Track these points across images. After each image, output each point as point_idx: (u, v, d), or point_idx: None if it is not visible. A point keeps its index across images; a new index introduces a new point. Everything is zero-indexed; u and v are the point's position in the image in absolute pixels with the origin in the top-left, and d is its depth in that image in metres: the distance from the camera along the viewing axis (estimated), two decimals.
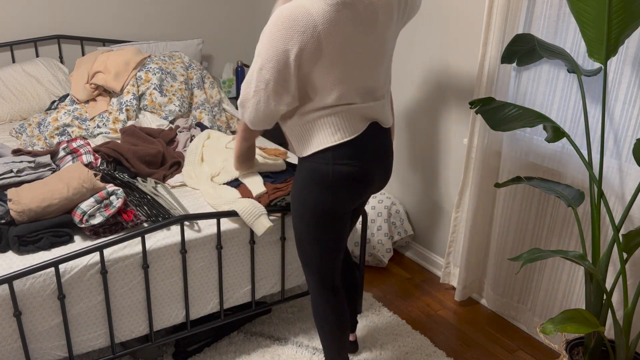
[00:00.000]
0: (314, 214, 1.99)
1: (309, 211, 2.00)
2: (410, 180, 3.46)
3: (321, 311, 2.19)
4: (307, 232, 2.05)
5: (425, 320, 2.97)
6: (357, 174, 1.95)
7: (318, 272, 2.13)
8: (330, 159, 1.92)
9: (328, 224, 2.01)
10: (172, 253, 2.28)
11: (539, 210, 2.71)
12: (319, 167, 1.94)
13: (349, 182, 1.95)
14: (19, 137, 3.27)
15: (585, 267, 2.07)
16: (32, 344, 2.09)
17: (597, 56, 2.05)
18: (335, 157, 1.92)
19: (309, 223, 2.03)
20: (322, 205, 1.97)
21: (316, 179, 1.95)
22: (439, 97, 3.14)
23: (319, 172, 1.94)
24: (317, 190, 1.96)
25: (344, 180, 1.94)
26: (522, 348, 2.78)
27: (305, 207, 2.00)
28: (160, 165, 2.86)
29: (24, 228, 2.12)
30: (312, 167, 1.96)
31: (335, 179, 1.93)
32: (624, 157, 2.35)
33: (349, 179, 1.94)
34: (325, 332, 2.21)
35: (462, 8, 2.89)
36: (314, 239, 2.06)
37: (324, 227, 2.02)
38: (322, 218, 2.00)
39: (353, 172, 1.94)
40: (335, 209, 1.98)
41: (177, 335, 2.45)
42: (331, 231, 2.04)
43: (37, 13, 3.74)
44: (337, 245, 2.09)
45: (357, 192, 1.99)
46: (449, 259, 3.18)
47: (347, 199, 1.98)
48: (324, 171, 1.93)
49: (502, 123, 2.26)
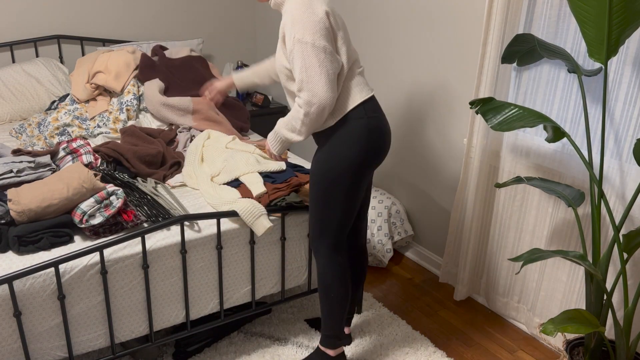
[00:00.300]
0: (348, 170, 2.15)
1: (342, 169, 2.14)
2: (411, 181, 3.46)
3: (329, 276, 2.28)
4: (336, 192, 2.18)
5: (425, 321, 2.97)
6: (384, 125, 2.21)
7: (335, 232, 2.24)
8: (363, 112, 2.15)
9: (358, 180, 2.18)
10: (172, 253, 2.28)
11: (539, 210, 2.71)
12: (353, 123, 2.14)
13: (380, 132, 2.18)
14: (19, 137, 3.26)
15: (586, 267, 2.07)
16: (32, 344, 2.09)
17: (597, 56, 2.05)
18: (367, 110, 2.16)
19: (340, 182, 2.16)
20: (357, 161, 2.14)
21: (352, 133, 2.13)
22: (439, 97, 3.13)
23: (355, 127, 2.13)
24: (353, 144, 2.13)
25: (377, 130, 2.17)
26: (523, 348, 2.78)
27: (338, 166, 2.14)
28: (160, 166, 2.86)
29: (23, 228, 2.12)
30: (347, 125, 2.14)
31: (371, 129, 2.15)
32: (624, 157, 2.35)
33: (381, 129, 2.18)
34: (331, 298, 2.30)
35: (462, 8, 2.88)
36: (342, 197, 2.18)
37: (354, 182, 2.17)
38: (355, 173, 2.16)
39: (381, 124, 2.19)
40: (367, 164, 2.17)
41: (177, 336, 2.44)
42: (359, 187, 2.20)
43: (37, 13, 3.74)
44: (357, 204, 2.25)
45: (385, 144, 2.22)
46: (448, 259, 3.18)
47: (378, 152, 2.19)
48: (360, 124, 2.14)
49: (502, 123, 2.25)
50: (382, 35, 3.44)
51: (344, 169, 2.14)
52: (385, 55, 3.45)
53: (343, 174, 2.15)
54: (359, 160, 2.14)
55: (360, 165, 2.15)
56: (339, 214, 2.21)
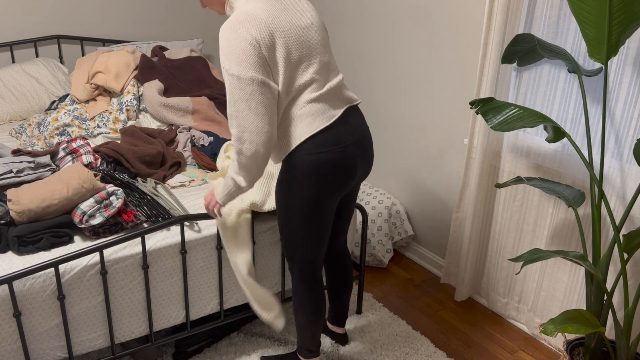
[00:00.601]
0: (301, 207, 2.03)
1: (296, 206, 2.03)
2: (411, 181, 3.46)
3: (300, 297, 2.26)
4: (295, 227, 2.09)
5: (425, 321, 2.96)
6: (340, 160, 1.99)
7: (303, 264, 2.19)
8: (312, 148, 1.95)
9: (315, 216, 2.05)
10: (172, 253, 2.27)
11: (539, 210, 2.70)
12: (302, 159, 1.96)
13: (334, 169, 1.98)
14: (19, 137, 3.26)
15: (586, 267, 2.07)
16: (32, 345, 2.09)
17: (597, 56, 2.04)
18: (317, 145, 1.95)
19: (297, 218, 2.06)
20: (309, 197, 2.00)
21: (301, 171, 1.97)
22: (440, 97, 3.13)
23: (303, 164, 1.96)
24: (304, 183, 1.98)
25: (328, 167, 1.97)
26: (523, 348, 2.77)
27: (292, 202, 2.03)
28: (160, 166, 2.86)
29: (23, 228, 2.12)
30: (296, 161, 1.98)
31: (321, 168, 1.96)
32: (624, 157, 2.35)
33: (334, 166, 1.98)
34: (300, 316, 2.29)
35: (463, 8, 2.88)
36: (302, 233, 2.09)
37: (311, 219, 2.05)
38: (310, 210, 2.03)
39: (336, 159, 1.98)
40: (322, 198, 2.02)
41: (177, 336, 2.44)
42: (318, 223, 2.08)
43: (36, 13, 3.74)
44: (323, 237, 2.14)
45: (342, 179, 2.03)
46: (449, 259, 3.17)
47: (333, 188, 2.02)
48: (307, 161, 1.96)
49: (503, 123, 2.25)
50: (382, 35, 3.43)
51: (298, 207, 2.02)
52: (385, 56, 3.44)
53: (298, 212, 2.04)
54: (313, 197, 2.00)
55: (316, 201, 2.01)
56: (302, 245, 2.13)
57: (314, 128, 1.95)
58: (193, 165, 2.99)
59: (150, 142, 2.98)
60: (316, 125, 1.95)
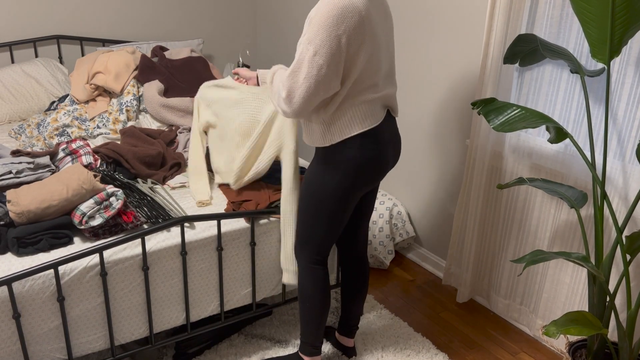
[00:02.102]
0: (333, 196, 2.14)
1: (328, 193, 2.14)
2: (412, 182, 3.45)
3: (308, 286, 2.31)
4: (320, 211, 2.18)
5: (427, 323, 2.95)
6: (378, 159, 2.14)
7: (317, 248, 2.26)
8: (358, 144, 2.08)
9: (343, 204, 2.17)
10: (172, 255, 2.26)
11: (541, 211, 2.69)
12: (347, 152, 2.09)
13: (372, 166, 2.13)
14: (18, 138, 3.25)
15: (589, 269, 2.06)
16: (32, 346, 2.08)
17: (600, 56, 2.04)
18: (363, 143, 2.09)
19: (325, 204, 2.16)
20: (343, 187, 2.12)
21: (343, 163, 2.10)
22: (441, 97, 3.12)
23: (347, 156, 2.09)
24: (341, 173, 2.11)
25: (368, 164, 2.11)
26: (525, 350, 2.76)
27: (325, 189, 2.14)
28: (161, 167, 2.85)
29: (23, 229, 2.11)
30: (340, 152, 2.10)
31: (362, 163, 2.10)
32: (627, 158, 2.34)
33: (373, 163, 2.13)
34: (307, 307, 2.32)
35: (464, 8, 2.87)
36: (326, 218, 2.19)
37: (339, 206, 2.17)
38: (341, 199, 2.15)
39: (375, 157, 2.13)
40: (355, 190, 2.15)
41: (177, 338, 2.43)
42: (344, 210, 2.19)
43: (36, 13, 3.73)
44: (341, 227, 2.25)
45: (376, 175, 2.18)
46: (450, 261, 3.16)
47: (367, 181, 2.16)
48: (352, 155, 2.09)
49: (505, 124, 2.24)
50: None
51: (330, 193, 2.14)
52: None
53: (328, 197, 2.15)
54: (346, 188, 2.13)
55: (347, 192, 2.15)
56: (321, 232, 2.22)
57: (365, 126, 2.08)
58: None
59: (150, 142, 2.97)
60: (367, 124, 2.08)
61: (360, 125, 2.07)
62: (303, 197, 2.22)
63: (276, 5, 4.36)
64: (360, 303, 2.53)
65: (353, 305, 2.52)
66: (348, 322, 2.57)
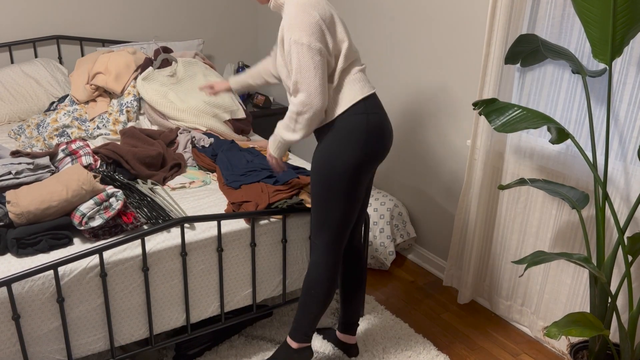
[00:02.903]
0: (346, 169, 2.14)
1: (341, 167, 2.13)
2: (413, 182, 3.44)
3: (317, 273, 2.28)
4: (335, 190, 2.16)
5: (428, 324, 2.95)
6: (385, 123, 2.20)
7: (335, 230, 2.23)
8: (363, 108, 2.15)
9: (357, 179, 2.17)
10: (172, 255, 2.26)
11: (543, 212, 2.69)
12: (353, 119, 2.13)
13: (380, 130, 2.17)
14: (18, 139, 3.24)
15: (590, 270, 2.06)
16: (31, 348, 2.07)
17: (601, 57, 2.03)
18: (367, 107, 2.16)
19: (339, 181, 2.15)
20: (355, 159, 2.13)
21: (352, 130, 2.13)
22: (442, 97, 3.12)
23: (355, 123, 2.13)
24: (352, 142, 2.13)
25: (377, 128, 2.16)
26: (526, 352, 2.76)
27: (337, 167, 2.14)
28: (161, 167, 2.84)
29: (22, 230, 2.10)
30: (347, 121, 2.14)
31: (370, 127, 2.14)
32: (629, 158, 2.33)
33: (381, 126, 2.18)
34: (312, 294, 2.30)
35: (466, 8, 2.87)
36: (342, 194, 2.17)
37: (353, 182, 2.16)
38: (353, 174, 2.15)
39: (383, 121, 2.19)
40: (366, 162, 2.16)
41: (177, 339, 2.43)
42: (359, 185, 2.19)
43: (36, 13, 3.72)
44: (358, 203, 2.24)
45: (385, 141, 2.21)
46: (451, 262, 3.16)
47: (378, 150, 2.18)
48: (359, 121, 2.13)
49: (506, 124, 2.24)
50: (384, 35, 3.42)
51: (344, 169, 2.13)
52: (387, 56, 3.43)
53: (342, 173, 2.14)
54: (359, 160, 2.14)
55: (360, 165, 2.15)
56: (338, 212, 2.20)
57: (365, 91, 2.17)
58: (193, 167, 2.97)
59: (150, 143, 2.97)
60: (367, 90, 2.18)
61: (362, 91, 2.16)
62: (315, 182, 2.20)
63: None
64: (360, 298, 2.53)
65: (353, 300, 2.52)
66: (349, 320, 2.57)
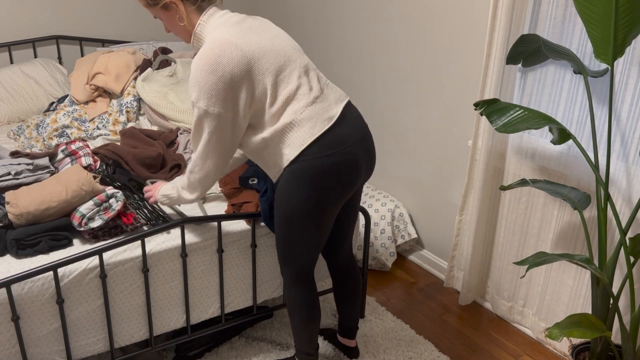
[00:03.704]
0: (305, 213, 1.99)
1: (299, 211, 1.99)
2: (414, 183, 3.43)
3: (293, 302, 2.23)
4: (296, 233, 2.05)
5: (429, 325, 2.94)
6: (346, 162, 1.98)
7: (298, 266, 2.15)
8: (316, 152, 1.94)
9: (318, 222, 2.03)
10: (172, 257, 2.25)
11: (544, 213, 2.68)
12: (307, 165, 1.94)
13: (339, 172, 1.97)
14: (17, 139, 3.24)
15: (592, 271, 2.05)
16: (31, 349, 2.06)
17: (603, 57, 2.03)
18: (321, 149, 1.94)
19: (299, 224, 2.03)
20: (313, 202, 1.98)
21: (306, 177, 1.95)
22: (443, 98, 3.11)
23: (308, 169, 1.94)
24: (308, 188, 1.96)
25: (334, 170, 1.96)
26: (528, 353, 2.75)
27: (295, 208, 1.99)
28: (160, 168, 2.83)
29: (22, 231, 2.10)
30: (299, 167, 1.95)
31: (326, 171, 1.95)
32: (631, 159, 2.32)
33: (339, 168, 1.97)
34: (296, 320, 2.27)
35: (467, 8, 2.86)
36: (303, 240, 2.07)
37: (314, 225, 2.03)
38: (313, 216, 2.01)
39: (342, 161, 1.97)
40: (327, 203, 2.00)
41: (177, 340, 2.42)
42: (320, 229, 2.06)
43: (35, 13, 3.72)
44: (322, 241, 2.12)
45: (347, 182, 2.01)
46: (453, 263, 3.15)
47: (338, 191, 2.01)
48: (313, 166, 1.94)
49: (507, 125, 2.23)
50: (385, 35, 3.41)
51: (301, 213, 1.99)
52: (388, 56, 3.42)
53: (300, 217, 2.00)
54: (316, 203, 1.98)
55: (318, 207, 1.99)
56: (299, 252, 2.10)
57: (316, 131, 1.94)
58: None
59: (150, 144, 2.96)
60: (319, 129, 1.95)
61: (311, 132, 1.93)
62: (276, 221, 2.09)
63: (277, 5, 4.35)
64: (356, 306, 2.50)
65: (349, 309, 2.50)
66: (346, 325, 2.56)
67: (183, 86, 3.46)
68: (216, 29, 1.93)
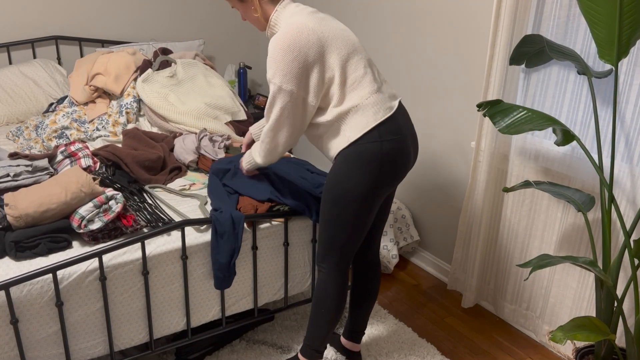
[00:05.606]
0: (358, 198, 2.08)
1: (352, 193, 2.08)
2: (417, 185, 3.42)
3: (325, 293, 2.25)
4: (345, 215, 2.12)
5: (431, 328, 2.92)
6: (401, 149, 2.10)
7: (341, 256, 2.20)
8: (376, 137, 2.05)
9: (368, 206, 2.11)
10: (172, 259, 2.24)
11: (548, 215, 2.66)
12: (367, 147, 2.05)
13: (395, 157, 2.08)
14: (16, 140, 3.22)
15: (596, 273, 2.04)
16: (29, 352, 2.05)
17: (607, 57, 2.03)
18: (381, 134, 2.06)
19: (349, 206, 2.10)
20: (367, 185, 2.06)
21: (364, 157, 2.05)
22: (447, 99, 3.10)
23: (368, 152, 2.05)
24: (364, 169, 2.05)
25: (392, 155, 2.07)
26: (531, 356, 2.73)
27: (348, 190, 2.08)
28: (160, 171, 2.81)
29: (21, 233, 2.08)
30: (359, 150, 2.06)
31: (384, 155, 2.05)
32: (635, 160, 2.31)
33: (396, 154, 2.08)
34: (321, 312, 2.28)
35: (470, 9, 2.85)
36: (350, 221, 2.12)
37: (364, 209, 2.11)
38: (364, 199, 2.09)
39: (399, 147, 2.09)
40: (378, 188, 2.09)
41: (177, 344, 2.41)
42: (369, 212, 2.14)
43: (34, 13, 3.70)
44: (366, 230, 2.20)
45: (400, 169, 2.13)
46: (456, 265, 3.13)
47: (391, 178, 2.11)
48: (373, 150, 2.05)
49: (511, 126, 2.22)
50: (387, 36, 3.40)
51: (355, 194, 2.07)
52: (391, 57, 3.41)
53: (353, 198, 2.08)
54: (371, 186, 2.07)
55: (372, 191, 2.08)
56: (346, 235, 2.16)
57: (379, 117, 2.06)
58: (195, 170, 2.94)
59: (152, 146, 2.94)
60: (381, 115, 2.07)
61: (375, 117, 2.06)
62: (325, 202, 2.15)
63: None
64: (369, 309, 2.50)
65: (362, 310, 2.49)
66: (355, 328, 2.54)
67: (184, 87, 3.45)
68: (292, 16, 2.08)
